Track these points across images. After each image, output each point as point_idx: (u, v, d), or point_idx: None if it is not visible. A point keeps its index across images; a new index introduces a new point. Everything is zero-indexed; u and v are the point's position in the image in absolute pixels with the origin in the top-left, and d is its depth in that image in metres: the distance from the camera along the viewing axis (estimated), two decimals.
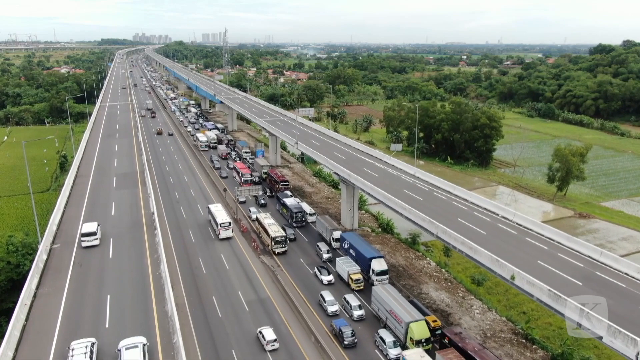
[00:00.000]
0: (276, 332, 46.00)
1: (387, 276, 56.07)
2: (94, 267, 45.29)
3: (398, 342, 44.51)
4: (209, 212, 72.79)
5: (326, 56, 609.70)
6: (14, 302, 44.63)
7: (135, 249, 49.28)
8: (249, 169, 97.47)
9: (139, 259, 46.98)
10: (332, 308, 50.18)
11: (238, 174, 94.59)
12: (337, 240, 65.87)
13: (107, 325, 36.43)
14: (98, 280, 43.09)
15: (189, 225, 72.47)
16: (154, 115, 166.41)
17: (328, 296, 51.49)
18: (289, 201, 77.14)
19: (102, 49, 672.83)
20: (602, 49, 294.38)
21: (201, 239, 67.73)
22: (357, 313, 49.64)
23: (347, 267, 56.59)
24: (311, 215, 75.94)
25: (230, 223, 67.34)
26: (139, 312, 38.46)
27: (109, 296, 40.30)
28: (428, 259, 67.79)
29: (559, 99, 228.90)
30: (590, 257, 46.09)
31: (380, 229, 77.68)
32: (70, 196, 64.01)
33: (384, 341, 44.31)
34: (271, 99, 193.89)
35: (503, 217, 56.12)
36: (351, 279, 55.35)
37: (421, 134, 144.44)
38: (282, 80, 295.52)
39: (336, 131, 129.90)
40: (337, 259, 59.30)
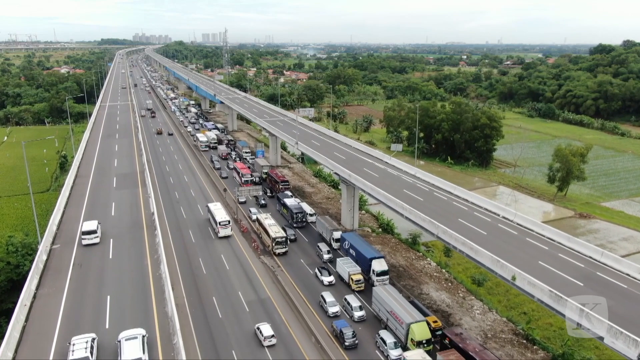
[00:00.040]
0: (277, 332, 45.92)
1: (388, 276, 56.03)
2: (94, 268, 45.23)
3: (399, 343, 44.41)
4: (208, 210, 73.06)
5: (326, 56, 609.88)
6: (13, 302, 44.60)
7: (135, 249, 49.22)
8: (249, 169, 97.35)
9: (139, 260, 46.92)
10: (333, 309, 50.08)
11: (238, 174, 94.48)
12: (337, 240, 65.77)
13: (107, 326, 36.36)
14: (98, 280, 43.03)
15: (189, 225, 72.43)
16: (153, 115, 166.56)
17: (329, 297, 51.40)
18: (290, 201, 77.04)
19: (102, 49, 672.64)
20: (602, 49, 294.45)
21: (201, 239, 67.66)
22: (357, 314, 49.56)
23: (347, 268, 56.49)
24: (311, 215, 75.87)
25: (229, 221, 67.91)
26: (139, 312, 38.40)
27: (109, 297, 40.23)
28: (428, 259, 67.69)
29: (559, 99, 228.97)
30: (591, 258, 46.01)
31: (380, 229, 77.61)
32: (70, 196, 63.96)
33: (384, 342, 44.22)
34: (271, 99, 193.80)
35: (504, 218, 56.02)
36: (352, 279, 55.25)
37: (421, 134, 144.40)
38: (282, 80, 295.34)
39: (336, 131, 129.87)
40: (338, 259, 59.21)
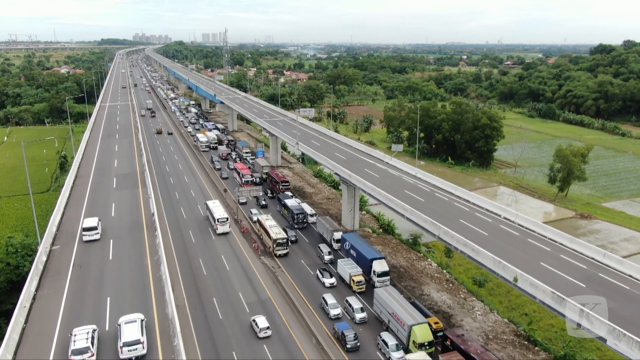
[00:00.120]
0: (278, 333, 45.77)
1: (389, 277, 55.86)
2: (94, 269, 45.00)
3: (401, 345, 44.21)
4: (207, 208, 73.63)
5: (326, 56, 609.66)
6: (13, 303, 44.40)
7: (136, 250, 49.00)
8: (250, 169, 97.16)
9: (139, 261, 46.70)
10: (335, 311, 49.87)
11: (239, 174, 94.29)
12: (338, 241, 65.60)
13: (107, 327, 36.12)
14: (98, 281, 42.81)
15: (189, 225, 72.27)
16: (153, 114, 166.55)
17: (330, 299, 51.20)
18: (290, 202, 76.84)
19: (102, 49, 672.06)
20: (603, 49, 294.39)
21: (201, 239, 67.49)
22: (359, 316, 49.37)
23: (348, 269, 56.29)
24: (312, 216, 75.71)
25: (227, 218, 69.31)
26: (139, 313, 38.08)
27: (109, 298, 40.00)
28: (429, 260, 67.51)
29: (559, 99, 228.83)
30: (593, 259, 45.80)
31: (381, 230, 77.42)
32: (70, 197, 63.74)
33: (386, 344, 44.01)
34: (271, 99, 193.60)
35: (505, 218, 55.81)
36: (353, 280, 55.05)
37: (422, 135, 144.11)
38: (282, 80, 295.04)
39: (336, 131, 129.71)
40: (339, 260, 59.01)
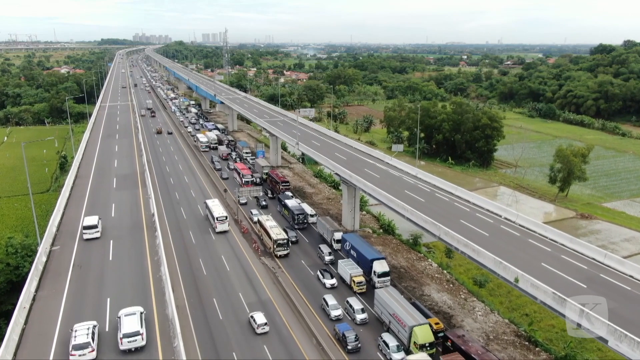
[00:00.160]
0: (278, 334, 45.68)
1: (389, 278, 55.80)
2: (94, 269, 44.92)
3: (402, 346, 44.10)
4: (206, 206, 73.81)
5: (326, 56, 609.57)
6: (13, 304, 44.30)
7: (136, 250, 48.92)
8: (250, 169, 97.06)
9: (139, 261, 46.62)
10: (335, 312, 49.76)
11: (239, 174, 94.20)
12: (338, 241, 65.51)
13: (107, 328, 36.04)
14: (98, 282, 42.73)
15: (189, 226, 72.17)
16: (153, 114, 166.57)
17: (331, 300, 51.06)
18: (290, 202, 76.73)
19: (102, 49, 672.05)
20: (603, 49, 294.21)
21: (202, 240, 67.41)
22: (359, 317, 49.28)
23: (349, 270, 56.18)
24: (312, 216, 75.62)
25: (226, 217, 69.72)
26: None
27: (109, 299, 39.91)
28: (430, 260, 67.43)
29: (559, 99, 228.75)
30: (594, 259, 45.73)
31: (381, 230, 77.35)
32: (70, 197, 63.65)
33: (387, 345, 43.91)
34: (271, 99, 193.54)
35: (506, 219, 55.73)
36: (353, 281, 54.94)
37: (422, 135, 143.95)
38: (282, 80, 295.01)
39: (337, 131, 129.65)
40: (339, 261, 58.92)
